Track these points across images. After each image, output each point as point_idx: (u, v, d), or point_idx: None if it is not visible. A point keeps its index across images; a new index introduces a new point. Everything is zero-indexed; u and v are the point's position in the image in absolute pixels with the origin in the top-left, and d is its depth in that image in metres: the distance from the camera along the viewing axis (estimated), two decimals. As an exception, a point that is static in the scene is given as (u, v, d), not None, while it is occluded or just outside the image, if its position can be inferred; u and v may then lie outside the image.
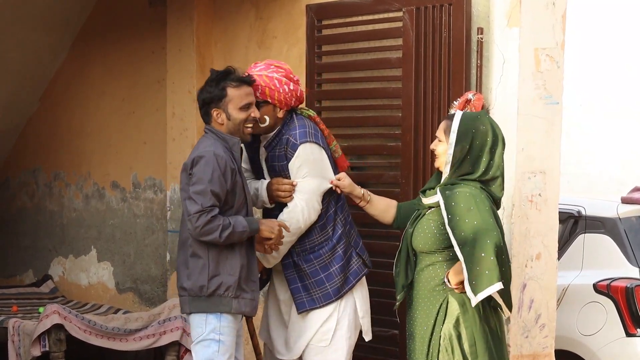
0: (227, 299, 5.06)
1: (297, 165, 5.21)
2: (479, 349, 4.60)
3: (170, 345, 7.00)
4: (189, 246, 5.06)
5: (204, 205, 4.89)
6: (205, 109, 5.11)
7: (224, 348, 5.09)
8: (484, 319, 4.64)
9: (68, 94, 8.63)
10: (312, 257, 5.32)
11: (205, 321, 5.07)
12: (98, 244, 8.38)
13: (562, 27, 5.62)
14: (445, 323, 4.65)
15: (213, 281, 5.03)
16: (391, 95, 5.95)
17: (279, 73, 5.24)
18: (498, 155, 4.69)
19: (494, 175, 4.68)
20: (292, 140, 5.20)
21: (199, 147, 5.07)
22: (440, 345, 4.65)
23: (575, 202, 7.24)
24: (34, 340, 6.66)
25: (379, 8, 5.96)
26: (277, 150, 5.28)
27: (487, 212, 4.51)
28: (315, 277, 5.31)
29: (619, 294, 6.51)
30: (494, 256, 4.40)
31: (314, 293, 5.32)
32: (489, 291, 4.43)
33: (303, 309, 5.33)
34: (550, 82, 5.56)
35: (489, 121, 4.73)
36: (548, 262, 5.62)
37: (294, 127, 5.24)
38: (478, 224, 4.47)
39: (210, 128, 5.13)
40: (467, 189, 4.60)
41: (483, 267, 4.41)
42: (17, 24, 7.98)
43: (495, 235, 4.44)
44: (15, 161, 9.20)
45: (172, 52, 7.40)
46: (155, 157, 7.78)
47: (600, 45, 12.29)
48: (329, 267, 5.32)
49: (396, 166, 5.90)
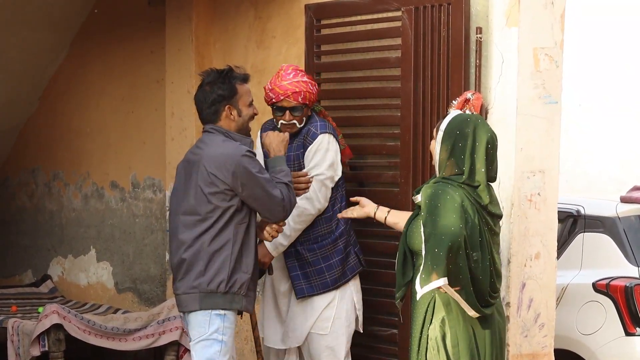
0: (239, 297, 5.08)
1: (313, 151, 5.58)
2: (461, 349, 4.60)
3: (169, 345, 7.00)
4: (201, 245, 5.04)
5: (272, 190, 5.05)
6: (215, 107, 5.13)
7: (225, 348, 5.09)
8: (469, 320, 4.63)
9: (67, 94, 8.63)
10: (316, 247, 5.63)
11: (209, 321, 5.06)
12: (97, 244, 8.38)
13: (561, 27, 5.61)
14: (432, 323, 4.65)
15: (232, 277, 5.05)
16: (390, 95, 5.95)
17: (305, 76, 5.67)
18: (479, 160, 4.63)
19: (478, 180, 4.64)
20: (313, 130, 5.61)
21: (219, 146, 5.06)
22: (428, 344, 4.65)
23: (574, 201, 7.24)
24: (33, 340, 6.67)
25: (377, 8, 5.95)
26: (295, 142, 5.62)
27: (452, 210, 4.48)
28: (316, 266, 5.62)
29: (618, 293, 6.51)
30: (444, 252, 4.40)
31: (313, 281, 5.62)
32: (431, 286, 4.44)
33: (302, 295, 5.62)
34: (549, 81, 5.56)
35: (474, 125, 4.67)
36: (547, 262, 5.62)
37: (314, 121, 5.66)
38: (440, 220, 4.47)
39: (217, 127, 5.14)
40: (439, 187, 4.60)
41: (433, 262, 4.43)
42: (16, 24, 7.98)
43: (452, 231, 4.43)
44: (15, 161, 9.20)
45: (171, 52, 7.40)
46: (155, 157, 7.78)
47: (599, 44, 12.28)
48: (330, 258, 5.63)
49: (395, 166, 5.90)
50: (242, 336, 6.86)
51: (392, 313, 5.90)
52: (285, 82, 5.57)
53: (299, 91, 5.55)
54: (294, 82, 5.57)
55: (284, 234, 5.49)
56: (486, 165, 4.65)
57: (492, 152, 4.70)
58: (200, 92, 5.19)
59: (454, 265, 4.45)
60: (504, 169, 5.29)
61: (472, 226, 4.54)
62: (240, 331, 6.77)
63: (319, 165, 5.57)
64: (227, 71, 5.18)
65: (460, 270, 4.47)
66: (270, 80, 5.65)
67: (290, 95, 5.54)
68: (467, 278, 4.50)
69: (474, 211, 4.57)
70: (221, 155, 5.02)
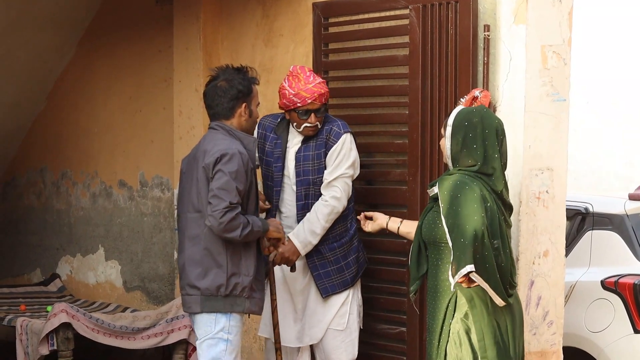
0: (241, 299, 5.07)
1: (337, 151, 5.62)
2: (487, 342, 4.64)
3: (177, 344, 7.01)
4: (201, 243, 5.05)
5: (231, 201, 4.93)
6: (233, 102, 5.14)
7: (231, 347, 5.10)
8: (492, 314, 4.66)
9: (75, 93, 8.64)
10: (336, 246, 5.70)
11: (215, 320, 5.07)
12: (105, 243, 8.39)
13: (568, 24, 5.61)
14: (454, 317, 4.69)
15: (231, 281, 5.04)
16: (398, 93, 5.94)
17: (319, 76, 5.73)
18: (491, 147, 4.72)
19: (494, 167, 4.71)
20: (336, 129, 5.66)
21: (218, 143, 5.06)
22: (449, 338, 4.68)
23: (582, 199, 7.23)
24: (42, 339, 6.67)
25: (385, 5, 5.95)
26: (313, 141, 5.67)
27: (473, 200, 4.57)
28: (337, 265, 5.71)
29: (626, 290, 6.50)
30: (469, 241, 4.49)
31: (334, 279, 5.71)
32: (460, 274, 4.50)
33: (327, 293, 5.70)
34: (557, 79, 5.55)
35: (480, 114, 4.76)
36: (556, 259, 5.61)
37: (333, 120, 5.74)
38: (462, 210, 4.55)
39: (222, 125, 5.15)
40: (456, 177, 4.68)
41: (460, 251, 4.51)
42: (23, 24, 7.99)
43: (475, 220, 4.52)
44: (23, 160, 9.21)
45: (179, 51, 7.40)
46: (162, 156, 7.78)
47: (607, 42, 12.28)
48: (348, 256, 5.74)
49: (403, 163, 5.90)
50: (250, 335, 6.86)
51: (399, 311, 5.91)
52: (311, 85, 5.59)
53: (323, 92, 5.62)
54: (317, 84, 5.61)
55: (315, 233, 5.58)
56: (499, 152, 4.74)
57: (502, 139, 4.79)
58: (215, 87, 5.17)
59: (480, 255, 4.52)
60: (512, 166, 5.29)
61: (492, 214, 4.62)
62: (249, 330, 6.78)
63: (343, 165, 5.64)
64: (245, 69, 5.20)
65: (487, 259, 4.54)
66: (289, 85, 5.62)
67: (317, 97, 5.58)
68: (494, 266, 4.56)
69: (492, 200, 4.67)
70: (216, 149, 5.03)
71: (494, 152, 4.73)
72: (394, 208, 5.82)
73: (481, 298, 4.66)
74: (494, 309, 4.68)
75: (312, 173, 5.65)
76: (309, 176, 5.65)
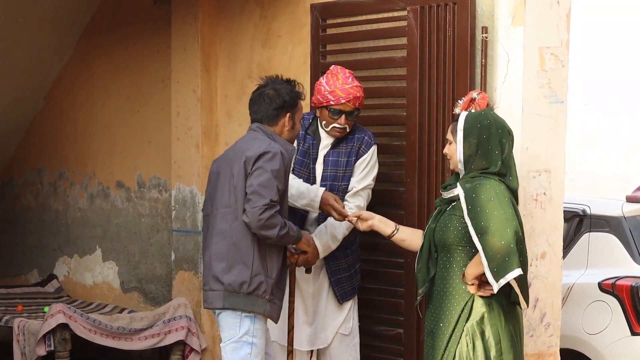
0: (262, 300, 5.06)
1: (367, 161, 5.63)
2: (504, 347, 4.64)
3: (175, 345, 7.02)
4: (229, 238, 5.04)
5: (272, 198, 4.93)
6: (278, 111, 5.17)
7: (256, 350, 5.09)
8: (509, 319, 4.68)
9: (73, 93, 8.64)
10: (349, 252, 5.73)
11: (240, 323, 5.06)
12: (103, 244, 8.39)
13: (566, 26, 5.61)
14: (469, 320, 4.67)
15: (255, 279, 5.03)
16: (396, 94, 5.95)
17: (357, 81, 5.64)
18: (508, 147, 4.74)
19: (509, 166, 4.73)
20: (367, 139, 5.66)
21: (259, 142, 5.07)
22: (461, 339, 4.65)
23: (580, 200, 7.23)
24: (39, 340, 6.68)
25: (383, 7, 5.95)
26: (343, 147, 5.63)
27: (507, 204, 4.57)
28: (350, 271, 5.74)
29: (624, 292, 6.50)
30: (514, 244, 4.46)
31: (347, 286, 5.73)
32: (509, 276, 4.47)
33: (345, 298, 5.71)
34: (554, 81, 5.55)
35: (492, 116, 4.77)
36: (553, 261, 5.61)
37: (362, 129, 5.71)
38: (498, 214, 4.52)
39: (263, 127, 5.18)
40: (487, 182, 4.65)
41: (503, 255, 4.47)
42: (21, 24, 7.99)
43: (515, 225, 4.51)
44: (20, 160, 9.21)
45: (177, 51, 7.40)
46: (160, 156, 7.78)
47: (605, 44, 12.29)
48: (355, 264, 5.80)
49: (401, 165, 5.90)
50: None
51: (397, 312, 5.91)
52: (348, 86, 5.55)
53: (359, 96, 5.56)
54: (355, 87, 5.56)
55: (336, 238, 5.56)
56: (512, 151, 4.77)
57: (512, 138, 4.81)
58: (262, 94, 5.21)
59: (523, 257, 4.53)
60: (512, 166, 5.30)
61: (519, 215, 4.64)
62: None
63: (370, 175, 5.66)
64: (293, 82, 5.27)
65: (525, 262, 4.56)
66: (326, 82, 5.59)
67: (351, 99, 5.54)
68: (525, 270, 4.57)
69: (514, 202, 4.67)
70: (258, 145, 5.04)
71: (509, 151, 4.74)
72: (391, 209, 5.82)
73: (499, 302, 4.64)
74: (510, 313, 4.68)
75: (338, 179, 5.62)
76: (335, 182, 5.62)
